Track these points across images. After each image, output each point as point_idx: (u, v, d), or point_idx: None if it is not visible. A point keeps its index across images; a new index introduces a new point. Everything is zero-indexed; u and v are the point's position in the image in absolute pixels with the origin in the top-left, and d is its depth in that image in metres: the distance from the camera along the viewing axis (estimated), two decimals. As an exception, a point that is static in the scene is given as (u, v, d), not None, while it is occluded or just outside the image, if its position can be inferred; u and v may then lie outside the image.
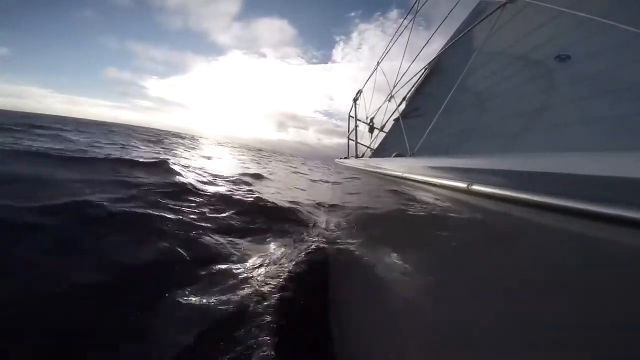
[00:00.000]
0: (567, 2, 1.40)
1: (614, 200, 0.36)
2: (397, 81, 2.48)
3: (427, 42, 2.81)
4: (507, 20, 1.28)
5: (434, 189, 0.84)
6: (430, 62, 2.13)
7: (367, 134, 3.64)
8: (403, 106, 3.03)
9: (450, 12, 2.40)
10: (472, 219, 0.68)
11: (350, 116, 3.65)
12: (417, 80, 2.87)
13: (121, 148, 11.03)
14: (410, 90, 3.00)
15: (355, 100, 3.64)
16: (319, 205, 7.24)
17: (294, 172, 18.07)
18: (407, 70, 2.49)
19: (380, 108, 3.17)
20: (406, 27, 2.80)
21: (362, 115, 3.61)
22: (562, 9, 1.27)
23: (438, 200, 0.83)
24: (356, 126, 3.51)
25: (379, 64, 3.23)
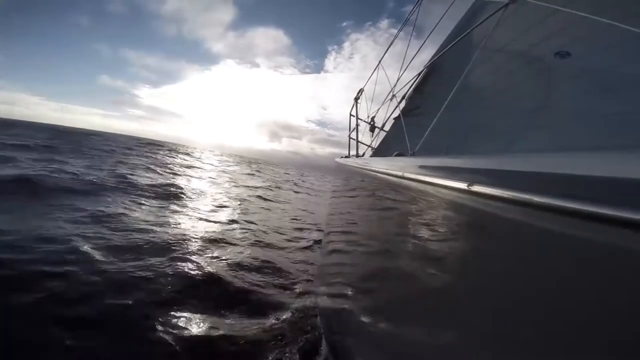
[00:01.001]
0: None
1: (614, 200, 0.36)
2: (399, 78, 2.48)
3: (426, 40, 2.80)
4: (507, 16, 1.27)
5: (433, 188, 0.84)
6: (430, 60, 2.13)
7: (368, 133, 3.64)
8: (403, 105, 3.02)
9: (448, 9, 2.39)
10: (472, 219, 0.68)
11: (351, 115, 3.65)
12: (418, 79, 2.87)
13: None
14: (409, 89, 2.99)
15: (357, 98, 3.63)
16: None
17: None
18: (407, 68, 2.49)
19: (381, 107, 3.17)
20: (407, 24, 2.80)
21: (363, 114, 3.61)
22: (560, 7, 1.26)
23: (438, 200, 0.83)
24: (357, 125, 3.51)
25: (379, 62, 3.22)
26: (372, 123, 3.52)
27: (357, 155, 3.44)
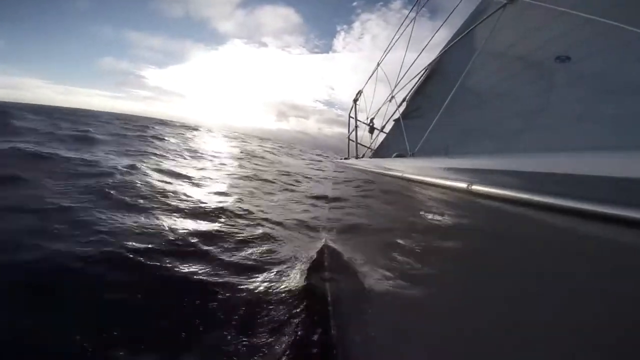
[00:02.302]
0: (567, 3, 1.40)
1: (614, 200, 0.36)
2: (398, 81, 2.48)
3: (427, 43, 2.81)
4: (508, 20, 1.28)
5: (433, 189, 0.84)
6: (431, 62, 2.13)
7: (367, 134, 3.63)
8: (403, 106, 3.03)
9: (453, 11, 2.40)
10: (472, 219, 0.68)
11: (350, 116, 3.65)
12: (418, 80, 2.87)
13: None
14: (410, 90, 3.00)
15: (355, 100, 3.63)
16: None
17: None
18: (407, 70, 2.49)
19: (380, 108, 3.17)
20: (407, 26, 2.81)
21: (362, 115, 3.61)
22: (562, 9, 1.27)
23: (438, 200, 0.83)
24: (356, 126, 3.51)
25: (379, 64, 3.22)
26: (371, 125, 3.52)
27: (357, 157, 3.44)
